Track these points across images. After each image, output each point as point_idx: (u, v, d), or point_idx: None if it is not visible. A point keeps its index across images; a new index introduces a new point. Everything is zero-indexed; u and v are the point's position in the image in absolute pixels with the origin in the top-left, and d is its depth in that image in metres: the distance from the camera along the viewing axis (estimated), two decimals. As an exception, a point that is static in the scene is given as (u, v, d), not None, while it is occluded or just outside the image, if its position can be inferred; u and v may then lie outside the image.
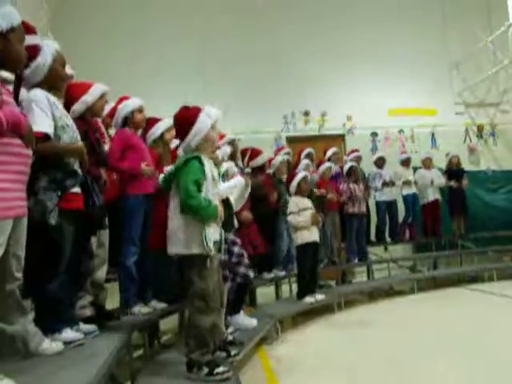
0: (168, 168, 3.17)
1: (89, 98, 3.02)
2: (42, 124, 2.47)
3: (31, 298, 2.58)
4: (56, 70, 2.65)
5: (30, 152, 2.15)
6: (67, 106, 2.88)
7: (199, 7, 8.54)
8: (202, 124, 2.67)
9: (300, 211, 5.02)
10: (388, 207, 7.74)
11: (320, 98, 8.86)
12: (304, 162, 6.04)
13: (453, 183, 7.95)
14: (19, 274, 2.19)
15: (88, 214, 2.81)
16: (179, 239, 2.57)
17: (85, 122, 2.97)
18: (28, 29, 2.44)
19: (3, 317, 2.18)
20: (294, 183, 5.17)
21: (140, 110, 3.68)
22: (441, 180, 7.98)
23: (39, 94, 2.54)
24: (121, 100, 3.73)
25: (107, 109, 3.71)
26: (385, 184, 7.53)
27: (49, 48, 2.61)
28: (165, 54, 8.33)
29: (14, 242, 2.10)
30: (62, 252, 2.59)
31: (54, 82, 2.66)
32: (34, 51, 2.55)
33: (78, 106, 2.97)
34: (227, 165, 3.74)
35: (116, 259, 3.47)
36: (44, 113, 2.51)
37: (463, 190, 8.00)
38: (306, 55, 8.80)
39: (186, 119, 2.71)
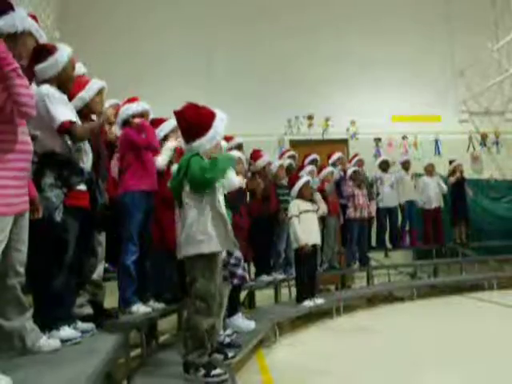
0: (174, 168, 3.11)
1: (86, 94, 2.98)
2: (63, 114, 2.58)
3: (32, 294, 2.57)
4: (68, 71, 2.74)
5: (31, 148, 2.17)
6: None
7: (207, 15, 8.59)
8: (218, 130, 2.63)
9: (301, 213, 5.02)
10: (388, 213, 7.71)
11: (324, 103, 8.85)
12: (308, 167, 6.03)
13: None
14: (22, 269, 2.20)
15: (93, 212, 2.83)
16: (193, 239, 2.54)
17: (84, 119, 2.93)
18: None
19: (1, 312, 2.18)
20: (296, 187, 5.17)
21: (142, 115, 3.61)
22: (442, 186, 7.95)
23: (49, 88, 2.61)
24: (129, 100, 3.69)
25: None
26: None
27: (65, 49, 2.73)
28: (170, 59, 8.37)
29: (16, 236, 2.12)
30: (66, 248, 2.61)
31: (63, 81, 2.73)
32: (52, 48, 2.66)
33: (74, 103, 2.92)
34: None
35: (116, 257, 3.47)
36: (60, 103, 2.60)
37: (465, 199, 7.97)
38: (311, 60, 8.81)
39: (199, 121, 2.62)
